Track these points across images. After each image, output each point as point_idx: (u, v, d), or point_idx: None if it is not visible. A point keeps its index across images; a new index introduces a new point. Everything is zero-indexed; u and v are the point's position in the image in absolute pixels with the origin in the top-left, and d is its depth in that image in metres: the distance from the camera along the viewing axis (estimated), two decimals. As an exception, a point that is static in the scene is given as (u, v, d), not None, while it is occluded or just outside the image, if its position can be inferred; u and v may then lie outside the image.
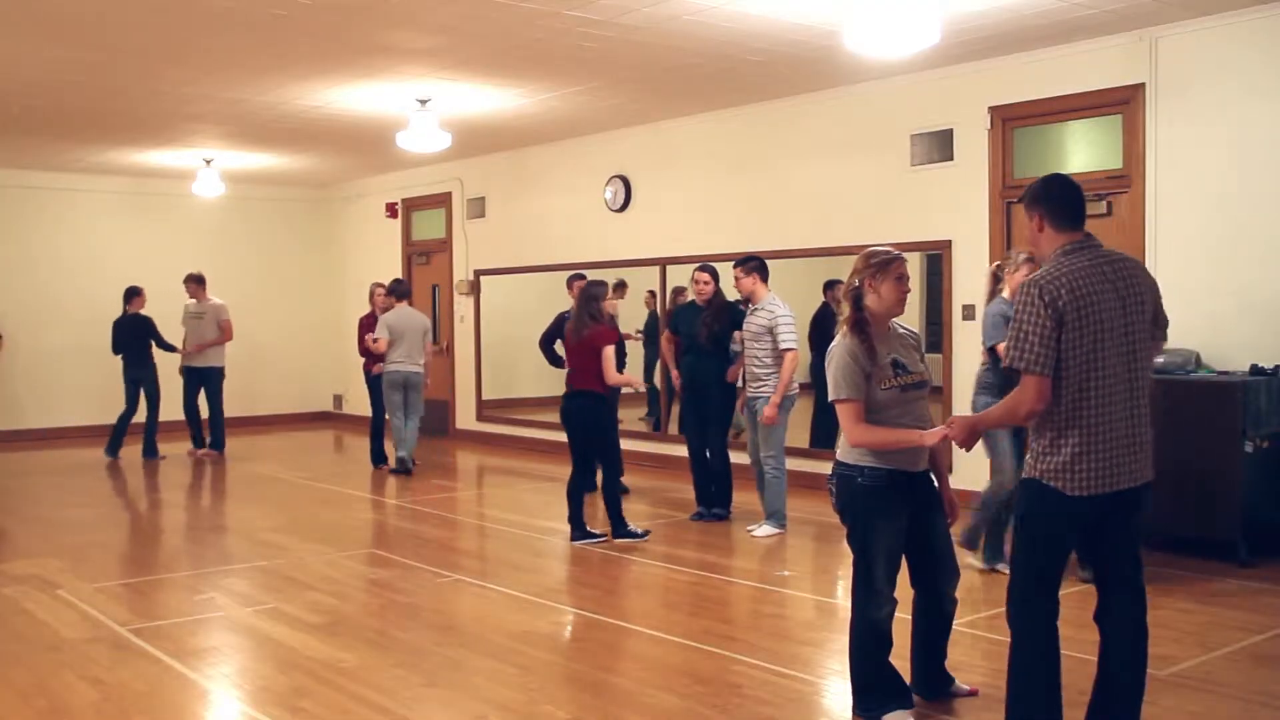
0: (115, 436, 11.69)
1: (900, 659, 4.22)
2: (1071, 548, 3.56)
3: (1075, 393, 3.38)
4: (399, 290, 10.47)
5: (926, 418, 4.11)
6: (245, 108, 9.59)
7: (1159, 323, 3.59)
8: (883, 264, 4.05)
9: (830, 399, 4.04)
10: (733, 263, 7.69)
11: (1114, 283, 3.44)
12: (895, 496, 4.03)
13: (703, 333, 7.82)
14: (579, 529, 7.29)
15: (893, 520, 4.04)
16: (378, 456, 10.92)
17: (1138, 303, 3.47)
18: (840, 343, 4.05)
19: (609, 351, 7.28)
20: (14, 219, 13.49)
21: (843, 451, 4.11)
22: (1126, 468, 3.44)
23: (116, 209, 14.13)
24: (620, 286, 10.76)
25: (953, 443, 3.80)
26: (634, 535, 7.28)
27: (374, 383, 10.67)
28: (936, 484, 4.19)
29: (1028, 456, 3.56)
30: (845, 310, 4.11)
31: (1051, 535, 3.52)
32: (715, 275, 7.91)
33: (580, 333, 7.24)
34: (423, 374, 10.43)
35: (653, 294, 11.13)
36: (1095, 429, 3.38)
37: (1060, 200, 3.55)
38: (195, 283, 12.04)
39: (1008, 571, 6.16)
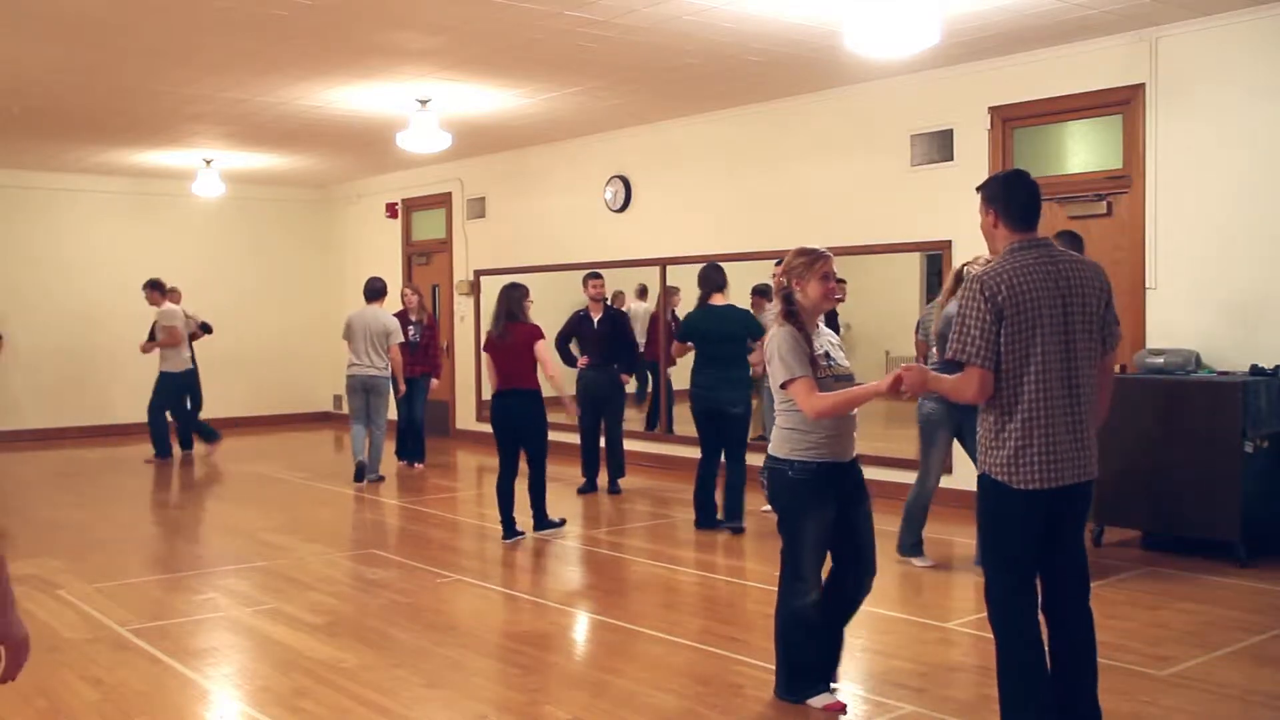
0: (156, 438, 11.62)
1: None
2: (1033, 542, 3.58)
3: (1012, 385, 3.47)
4: (366, 289, 10.13)
5: (853, 412, 4.17)
6: (245, 108, 9.58)
7: (1108, 328, 3.60)
8: (807, 263, 4.15)
9: (782, 383, 4.08)
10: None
11: (1056, 281, 3.49)
12: (824, 489, 4.13)
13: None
14: (537, 523, 7.57)
15: (821, 511, 4.14)
16: (400, 453, 10.98)
17: (1081, 304, 3.51)
18: (778, 332, 4.15)
19: (541, 347, 7.37)
20: (14, 219, 13.49)
21: (774, 446, 4.22)
22: (1070, 463, 3.50)
23: (116, 209, 14.12)
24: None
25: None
26: (554, 525, 7.58)
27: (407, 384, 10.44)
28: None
29: (978, 449, 3.65)
30: (777, 305, 4.23)
31: (1011, 530, 3.57)
32: None
33: (504, 336, 7.30)
34: (386, 378, 10.01)
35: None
36: (1033, 422, 3.45)
37: (1017, 202, 3.60)
38: (156, 290, 11.69)
39: (919, 565, 6.44)
